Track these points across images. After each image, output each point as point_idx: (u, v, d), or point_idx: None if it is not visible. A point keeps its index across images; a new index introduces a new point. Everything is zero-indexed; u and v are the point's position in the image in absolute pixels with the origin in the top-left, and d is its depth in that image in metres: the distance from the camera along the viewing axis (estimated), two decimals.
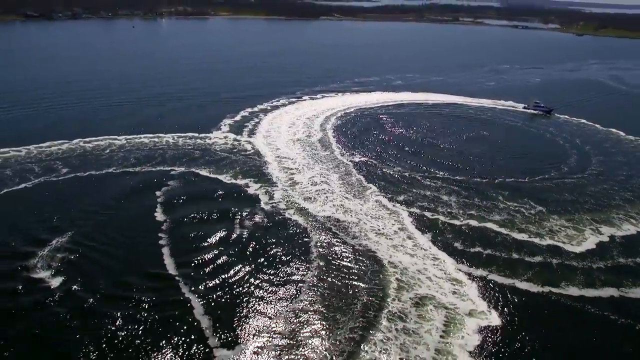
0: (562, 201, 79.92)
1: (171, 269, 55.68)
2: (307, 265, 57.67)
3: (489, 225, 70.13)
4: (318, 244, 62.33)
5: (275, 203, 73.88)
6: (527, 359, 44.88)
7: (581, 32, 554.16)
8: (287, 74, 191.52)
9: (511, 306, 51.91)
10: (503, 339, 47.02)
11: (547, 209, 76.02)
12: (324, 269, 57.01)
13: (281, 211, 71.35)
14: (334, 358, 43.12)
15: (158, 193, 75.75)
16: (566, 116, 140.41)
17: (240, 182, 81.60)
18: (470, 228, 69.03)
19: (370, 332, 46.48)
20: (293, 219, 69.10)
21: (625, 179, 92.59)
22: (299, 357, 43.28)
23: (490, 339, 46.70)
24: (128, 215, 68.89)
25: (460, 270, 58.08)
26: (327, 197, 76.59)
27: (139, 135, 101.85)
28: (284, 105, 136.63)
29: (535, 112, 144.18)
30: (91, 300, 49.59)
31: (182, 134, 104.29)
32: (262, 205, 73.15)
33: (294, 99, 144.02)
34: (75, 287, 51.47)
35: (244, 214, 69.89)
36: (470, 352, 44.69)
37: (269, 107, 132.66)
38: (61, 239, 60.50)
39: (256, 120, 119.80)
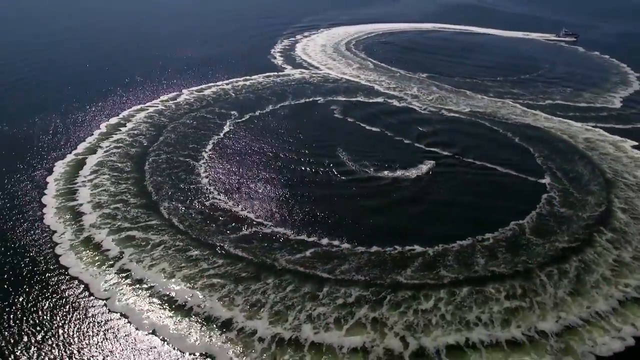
0: (571, 86, 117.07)
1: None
2: (509, 137, 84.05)
3: (559, 102, 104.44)
4: (498, 128, 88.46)
5: (426, 107, 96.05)
6: None
7: None
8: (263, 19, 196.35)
9: None
10: None
11: (573, 89, 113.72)
12: (520, 138, 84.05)
13: (438, 112, 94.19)
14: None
15: (349, 118, 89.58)
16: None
17: (382, 99, 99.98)
18: (554, 105, 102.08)
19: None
20: (455, 116, 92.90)
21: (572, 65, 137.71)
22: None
23: None
24: (355, 133, 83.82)
25: (587, 125, 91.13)
26: (450, 100, 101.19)
27: (237, 79, 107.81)
28: (292, 44, 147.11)
29: (567, 38, 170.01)
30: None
31: (265, 74, 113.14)
32: (420, 111, 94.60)
33: (292, 39, 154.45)
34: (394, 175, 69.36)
35: (421, 118, 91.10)
36: None
37: (287, 47, 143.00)
38: (344, 153, 74.61)
39: (294, 56, 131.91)
